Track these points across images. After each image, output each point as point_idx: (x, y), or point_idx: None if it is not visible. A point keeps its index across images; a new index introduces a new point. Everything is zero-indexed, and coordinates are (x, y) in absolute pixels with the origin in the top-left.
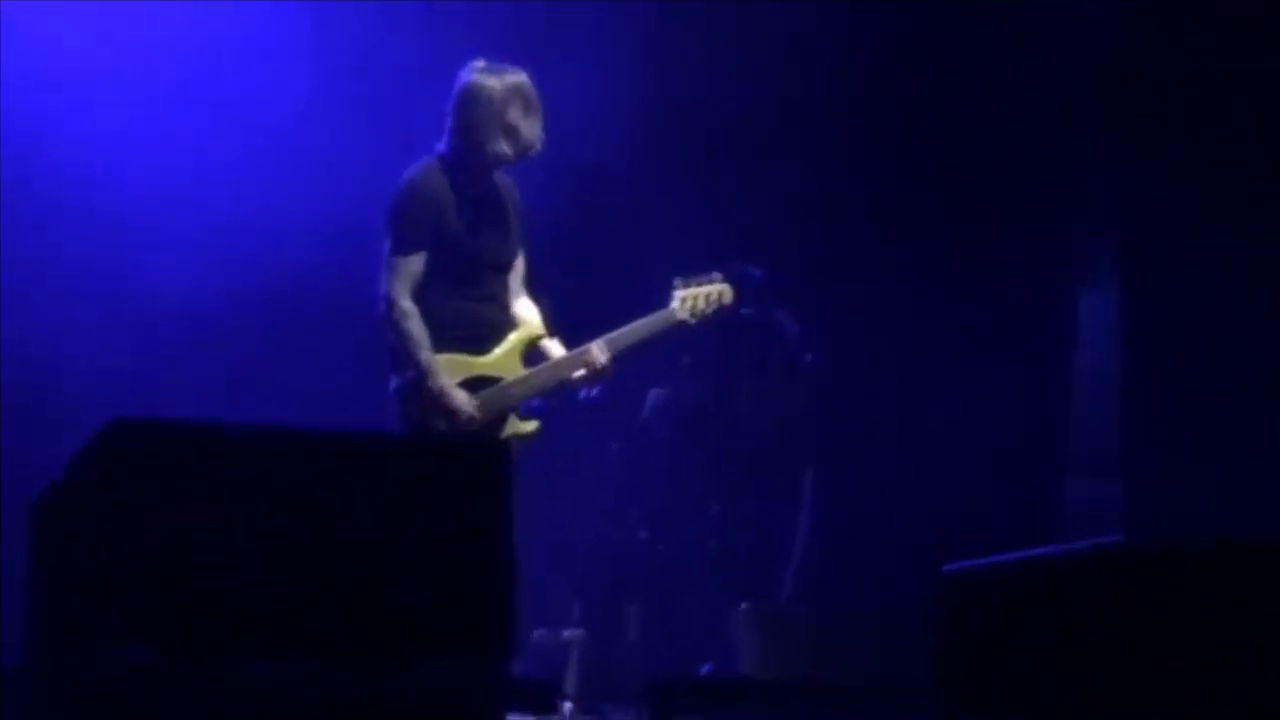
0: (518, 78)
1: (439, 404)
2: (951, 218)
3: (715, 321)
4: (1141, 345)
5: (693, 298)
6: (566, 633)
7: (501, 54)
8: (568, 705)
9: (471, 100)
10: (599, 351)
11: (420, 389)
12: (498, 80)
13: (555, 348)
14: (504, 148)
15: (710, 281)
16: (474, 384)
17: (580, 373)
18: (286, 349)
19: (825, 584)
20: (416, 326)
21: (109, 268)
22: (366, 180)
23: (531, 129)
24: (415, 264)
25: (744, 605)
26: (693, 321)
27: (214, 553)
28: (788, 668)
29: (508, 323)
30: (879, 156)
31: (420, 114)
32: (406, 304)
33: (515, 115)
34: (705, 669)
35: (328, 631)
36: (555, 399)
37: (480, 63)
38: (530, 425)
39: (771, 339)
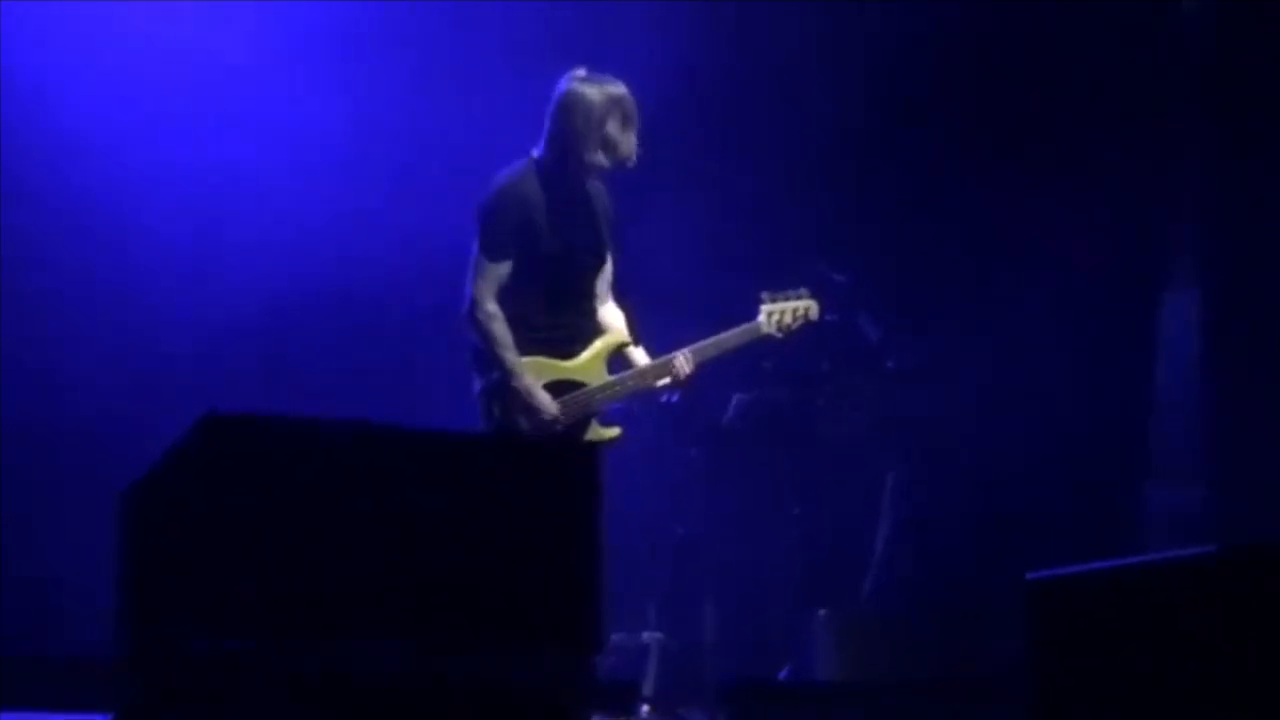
0: (617, 89)
1: (524, 405)
2: (1034, 220)
3: (801, 336)
4: (1224, 349)
5: (779, 312)
6: (645, 635)
7: (554, 56)
8: (645, 707)
9: (570, 109)
10: (683, 362)
11: (505, 390)
12: (598, 91)
13: (640, 355)
14: (600, 158)
15: (797, 297)
16: (558, 388)
17: (663, 381)
18: (355, 354)
19: (905, 588)
20: (500, 328)
21: (141, 279)
22: (414, 187)
23: (628, 142)
24: (503, 267)
25: (823, 611)
26: (779, 336)
27: (305, 546)
28: (866, 673)
29: (594, 328)
30: (961, 155)
31: (454, 115)
32: (491, 306)
33: (613, 128)
34: (783, 673)
35: (418, 623)
36: (636, 402)
37: (581, 71)
38: (612, 431)
39: (854, 344)
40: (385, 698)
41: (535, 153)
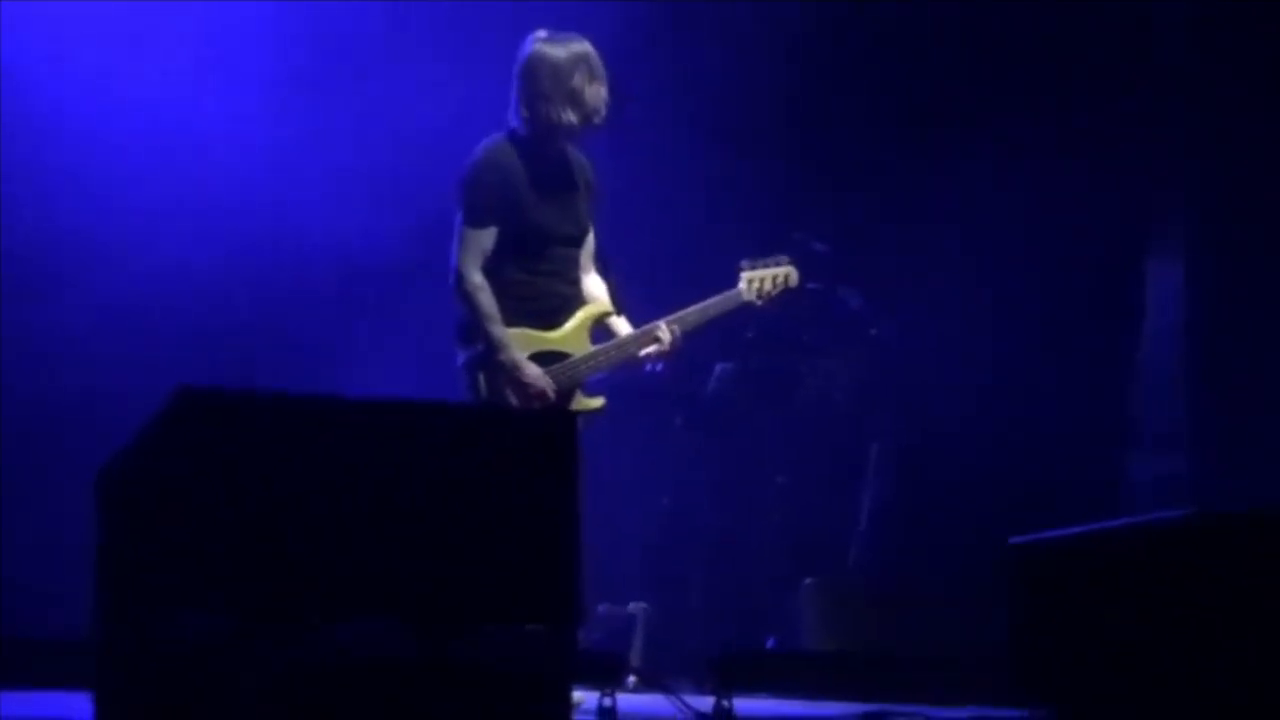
0: (581, 45)
1: (510, 377)
2: (1018, 189)
3: (781, 303)
4: (1207, 319)
5: (759, 279)
6: (631, 606)
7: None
8: (631, 678)
9: (535, 70)
10: (666, 330)
11: (490, 362)
12: (561, 49)
13: (622, 325)
14: (569, 115)
15: (777, 264)
16: (542, 359)
17: (647, 350)
18: (345, 324)
19: (890, 556)
20: (487, 299)
21: (120, 260)
22: (397, 162)
23: (595, 95)
24: (486, 238)
25: (808, 580)
26: (759, 303)
27: (281, 520)
28: (852, 642)
29: (576, 298)
30: (948, 129)
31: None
32: (477, 277)
33: (579, 81)
34: (770, 643)
35: (397, 598)
36: (620, 373)
37: (542, 33)
38: (596, 401)
39: (836, 313)
40: (363, 672)
41: (511, 123)
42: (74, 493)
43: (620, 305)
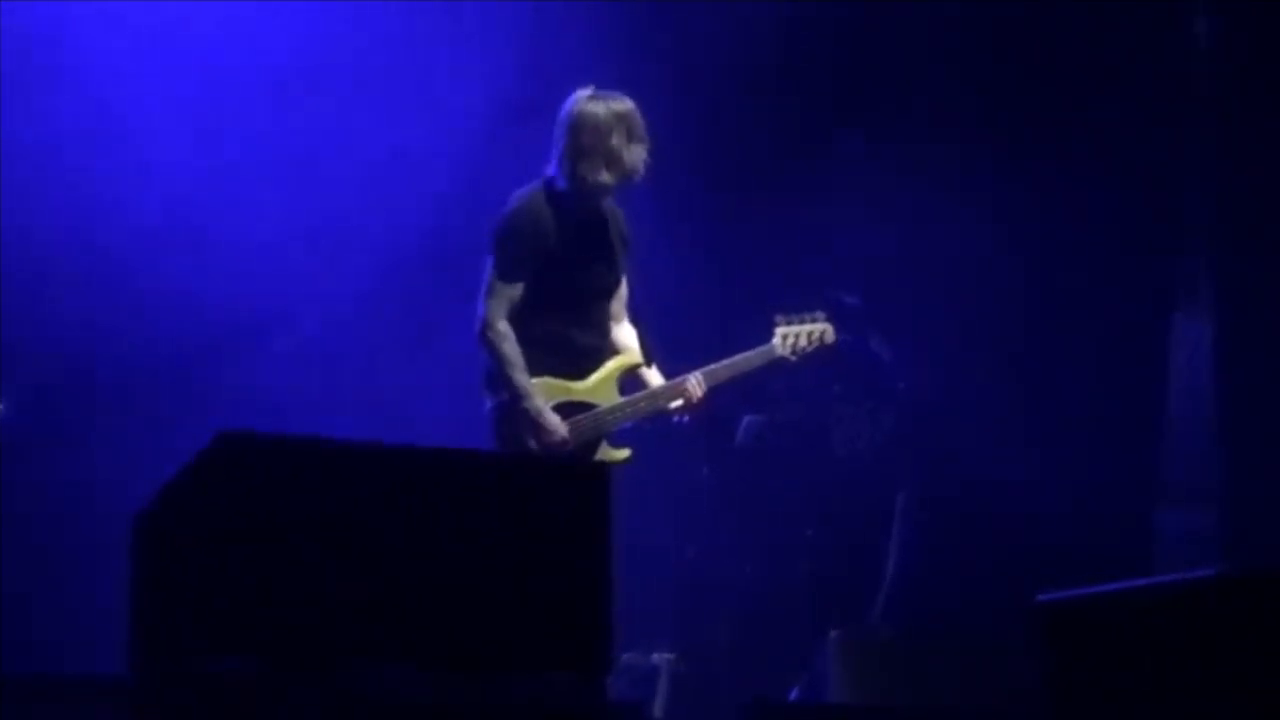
0: (623, 105)
1: (533, 425)
2: (1044, 242)
3: (815, 359)
4: (1236, 373)
5: (794, 335)
6: (655, 656)
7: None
8: None
9: (577, 127)
10: (696, 384)
11: (514, 410)
12: (603, 107)
13: (653, 376)
14: (606, 176)
15: (812, 320)
16: (569, 409)
17: (676, 403)
18: (375, 369)
19: (916, 609)
20: (511, 348)
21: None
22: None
23: (634, 156)
24: (515, 289)
25: (834, 632)
26: (793, 359)
27: (314, 565)
28: (877, 695)
29: (606, 349)
30: (973, 178)
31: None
32: (502, 326)
33: (619, 142)
34: (794, 694)
35: (428, 644)
36: (647, 423)
37: (587, 90)
38: (622, 453)
39: (865, 365)
40: (393, 718)
41: (548, 174)
42: (99, 532)
43: (650, 355)
